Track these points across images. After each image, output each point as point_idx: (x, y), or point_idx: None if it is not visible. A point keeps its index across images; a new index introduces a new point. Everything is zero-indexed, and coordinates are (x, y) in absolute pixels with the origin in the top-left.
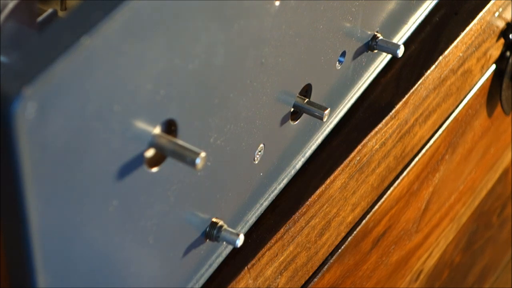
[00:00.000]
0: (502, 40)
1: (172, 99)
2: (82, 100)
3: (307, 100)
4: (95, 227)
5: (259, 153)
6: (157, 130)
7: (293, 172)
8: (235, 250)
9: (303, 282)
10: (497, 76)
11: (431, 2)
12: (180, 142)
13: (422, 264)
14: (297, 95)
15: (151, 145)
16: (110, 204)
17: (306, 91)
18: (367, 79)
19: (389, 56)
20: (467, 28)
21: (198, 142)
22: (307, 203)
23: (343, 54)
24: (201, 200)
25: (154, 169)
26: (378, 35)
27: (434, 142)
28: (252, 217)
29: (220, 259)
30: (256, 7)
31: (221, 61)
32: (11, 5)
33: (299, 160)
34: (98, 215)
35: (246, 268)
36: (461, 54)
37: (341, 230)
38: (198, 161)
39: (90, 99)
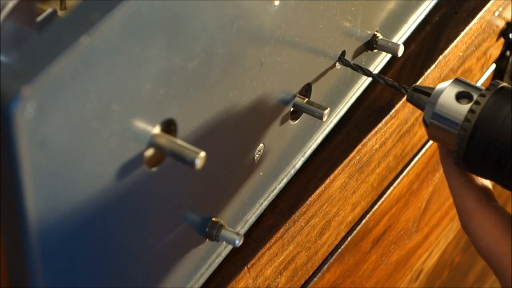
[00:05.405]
0: (502, 40)
1: (172, 98)
2: (81, 100)
3: (307, 99)
4: (94, 227)
5: (259, 153)
6: (156, 129)
7: (293, 171)
8: (234, 250)
9: (303, 282)
10: (497, 75)
11: (431, 2)
12: (180, 142)
13: (422, 264)
14: (297, 94)
15: (151, 144)
16: (110, 203)
17: (306, 90)
18: (367, 78)
19: (389, 55)
20: (467, 28)
21: (197, 142)
22: (307, 202)
23: (343, 53)
24: (201, 200)
25: (154, 169)
26: (378, 34)
27: None
28: (252, 217)
29: (220, 259)
30: (256, 7)
31: (221, 60)
32: (10, 5)
33: (299, 160)
34: (98, 215)
35: (246, 267)
36: (461, 54)
37: (341, 230)
38: (198, 161)
39: (90, 99)
